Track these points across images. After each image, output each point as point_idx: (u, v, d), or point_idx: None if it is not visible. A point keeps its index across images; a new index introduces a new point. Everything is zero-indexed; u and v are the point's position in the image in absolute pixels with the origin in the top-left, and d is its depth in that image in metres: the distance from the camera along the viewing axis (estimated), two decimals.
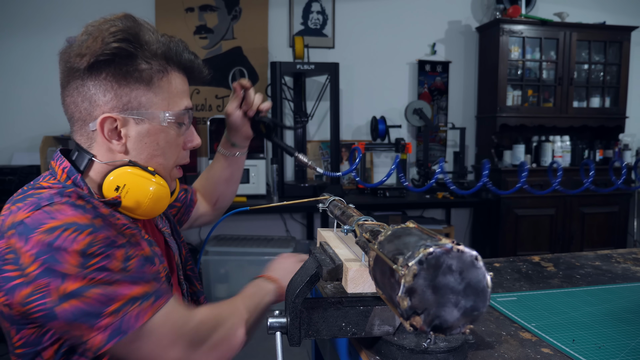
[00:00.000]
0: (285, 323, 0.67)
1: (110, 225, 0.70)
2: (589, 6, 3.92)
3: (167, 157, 0.84)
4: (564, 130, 3.74)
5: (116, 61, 0.75)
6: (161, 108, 0.81)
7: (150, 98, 0.80)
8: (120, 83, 0.77)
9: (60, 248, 0.64)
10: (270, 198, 3.13)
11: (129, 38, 0.76)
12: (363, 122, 3.73)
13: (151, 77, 0.79)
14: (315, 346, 1.11)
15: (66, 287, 0.63)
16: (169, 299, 0.71)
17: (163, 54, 0.80)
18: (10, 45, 3.23)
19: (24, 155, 3.25)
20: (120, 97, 0.78)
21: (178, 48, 0.83)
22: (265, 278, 0.92)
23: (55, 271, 0.63)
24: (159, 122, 0.81)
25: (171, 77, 0.83)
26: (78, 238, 0.65)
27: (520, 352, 0.68)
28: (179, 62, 0.84)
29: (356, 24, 3.64)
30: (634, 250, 1.26)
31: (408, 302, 0.46)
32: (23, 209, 0.68)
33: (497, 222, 3.46)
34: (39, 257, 0.63)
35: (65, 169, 0.78)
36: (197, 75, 0.89)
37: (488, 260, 1.16)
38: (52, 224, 0.65)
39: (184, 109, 0.85)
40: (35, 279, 0.63)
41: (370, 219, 0.70)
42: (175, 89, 0.83)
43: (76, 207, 0.68)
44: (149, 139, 0.81)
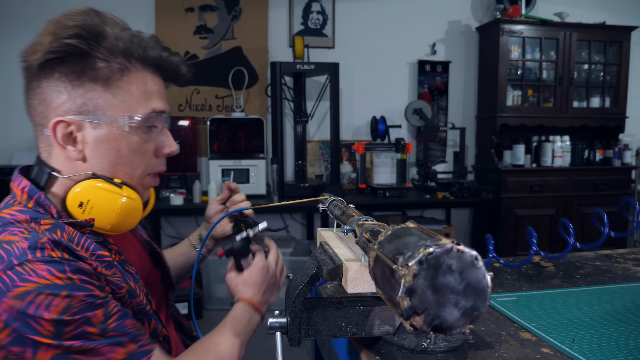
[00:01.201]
0: (285, 323, 0.67)
1: (90, 277, 0.64)
2: (589, 6, 3.92)
3: (133, 166, 0.76)
4: (564, 130, 3.74)
5: (68, 59, 0.69)
6: (121, 111, 0.73)
7: (107, 100, 0.72)
8: (73, 83, 0.70)
9: (33, 316, 0.58)
10: (270, 198, 3.13)
11: (82, 34, 0.69)
12: (363, 122, 3.73)
13: (109, 77, 0.71)
14: (315, 346, 1.11)
15: (39, 357, 0.59)
16: (151, 356, 0.67)
17: (123, 51, 0.72)
18: (10, 45, 3.24)
19: (24, 155, 3.25)
20: (75, 99, 0.71)
21: (143, 43, 0.74)
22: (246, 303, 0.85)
23: (28, 339, 0.58)
24: (119, 127, 0.73)
25: (133, 77, 0.74)
26: (53, 303, 0.59)
27: (520, 352, 0.68)
28: (144, 59, 0.75)
29: (356, 24, 3.64)
30: (634, 250, 1.26)
31: (408, 302, 0.46)
32: None
33: (497, 222, 3.46)
34: (9, 324, 0.58)
35: (25, 189, 0.72)
36: (171, 73, 0.81)
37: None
38: (24, 288, 0.59)
39: (151, 111, 0.76)
40: (7, 346, 0.59)
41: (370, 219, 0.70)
42: (138, 89, 0.74)
43: (51, 263, 0.61)
44: (109, 145, 0.73)
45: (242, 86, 3.42)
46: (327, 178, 3.64)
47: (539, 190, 3.50)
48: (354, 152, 3.66)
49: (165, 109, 0.79)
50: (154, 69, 0.77)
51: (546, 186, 3.52)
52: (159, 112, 0.77)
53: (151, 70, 0.77)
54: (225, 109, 3.50)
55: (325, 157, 3.67)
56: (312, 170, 3.67)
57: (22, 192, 0.72)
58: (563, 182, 3.56)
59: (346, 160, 3.71)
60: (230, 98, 3.49)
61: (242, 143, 3.18)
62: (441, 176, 3.66)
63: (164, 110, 0.78)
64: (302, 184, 3.25)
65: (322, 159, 3.69)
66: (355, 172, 3.70)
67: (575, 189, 3.58)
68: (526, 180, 3.49)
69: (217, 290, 3.06)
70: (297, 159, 3.45)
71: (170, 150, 0.81)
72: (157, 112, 0.77)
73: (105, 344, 0.62)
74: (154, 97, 0.77)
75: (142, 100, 0.75)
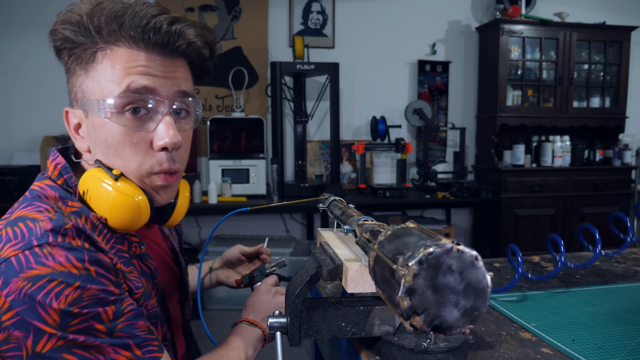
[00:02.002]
0: (285, 323, 0.67)
1: (108, 271, 0.62)
2: (589, 6, 3.92)
3: (126, 159, 0.68)
4: (564, 130, 3.74)
5: (62, 50, 0.68)
6: (96, 95, 0.66)
7: (88, 84, 0.67)
8: (68, 72, 0.69)
9: (41, 303, 0.55)
10: (270, 198, 3.13)
11: (67, 21, 0.65)
12: (363, 122, 3.73)
13: (87, 59, 0.66)
14: (315, 346, 1.11)
15: (40, 345, 0.56)
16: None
17: (99, 27, 0.64)
18: (9, 45, 3.23)
19: (24, 155, 3.25)
20: (72, 88, 0.69)
21: (129, 13, 0.63)
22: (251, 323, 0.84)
23: (30, 325, 0.56)
24: (96, 114, 0.66)
25: (109, 54, 0.65)
26: (64, 292, 0.56)
27: (520, 352, 0.68)
28: (121, 31, 0.64)
29: (356, 24, 3.64)
30: (634, 250, 1.26)
31: (408, 302, 0.45)
32: (13, 242, 0.59)
33: (497, 222, 3.46)
34: (14, 307, 0.56)
35: (58, 165, 0.71)
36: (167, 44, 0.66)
37: (488, 260, 1.16)
38: (38, 272, 0.56)
39: (125, 89, 0.64)
40: (8, 328, 0.56)
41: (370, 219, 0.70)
42: (113, 67, 0.64)
43: (71, 250, 0.59)
44: (96, 134, 0.68)
45: (242, 86, 3.42)
46: (327, 178, 3.64)
47: (539, 190, 3.50)
48: (354, 152, 3.66)
49: (149, 86, 0.65)
50: (139, 42, 0.65)
51: (546, 186, 3.52)
52: (140, 88, 0.65)
53: (135, 44, 0.65)
54: (225, 109, 3.51)
55: (325, 157, 3.67)
56: (312, 170, 3.67)
57: (55, 168, 0.71)
58: (563, 182, 3.56)
59: (346, 160, 3.71)
60: (230, 98, 3.49)
61: (242, 143, 3.18)
62: (441, 176, 3.67)
63: (145, 86, 0.65)
64: (302, 184, 3.25)
65: (322, 159, 3.69)
66: (355, 172, 3.70)
67: (575, 189, 3.58)
68: (526, 180, 3.49)
69: (217, 290, 3.06)
70: (297, 159, 3.45)
71: (161, 142, 0.67)
72: (135, 90, 0.65)
73: (110, 344, 0.59)
74: (133, 72, 0.64)
75: (117, 79, 0.65)
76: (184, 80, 0.71)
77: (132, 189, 0.67)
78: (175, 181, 0.73)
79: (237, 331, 0.82)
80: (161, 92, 0.67)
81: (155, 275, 0.76)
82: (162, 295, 0.79)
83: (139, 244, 0.74)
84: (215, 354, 0.77)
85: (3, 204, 2.89)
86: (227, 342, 0.80)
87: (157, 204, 0.73)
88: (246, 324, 0.84)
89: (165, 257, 0.88)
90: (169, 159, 0.70)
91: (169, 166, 0.70)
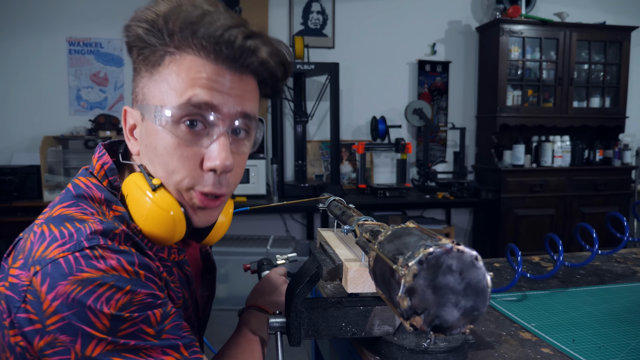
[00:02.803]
0: (285, 323, 0.67)
1: (155, 275, 0.60)
2: (589, 6, 3.92)
3: (170, 170, 0.64)
4: (564, 130, 3.74)
5: (133, 47, 0.65)
6: (156, 101, 0.63)
7: (150, 88, 0.64)
8: (135, 71, 0.67)
9: (91, 308, 0.53)
10: (270, 198, 3.13)
11: (142, 17, 0.62)
12: (363, 122, 3.73)
13: (154, 62, 0.63)
14: (315, 346, 1.11)
15: (89, 350, 0.54)
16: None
17: (173, 32, 0.61)
18: (10, 45, 3.23)
19: (24, 155, 3.25)
20: (135, 88, 0.67)
21: (206, 22, 0.60)
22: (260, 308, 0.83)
23: (79, 330, 0.54)
24: (152, 120, 0.63)
25: (177, 60, 0.62)
26: (115, 297, 0.54)
27: (520, 352, 0.68)
28: (194, 39, 0.61)
29: (356, 24, 3.64)
30: (634, 250, 1.26)
31: (408, 302, 0.45)
32: (60, 242, 0.56)
33: (497, 222, 3.46)
34: (61, 312, 0.53)
35: (105, 165, 0.67)
36: (239, 59, 0.62)
37: (488, 260, 1.16)
38: (88, 275, 0.54)
39: (186, 101, 0.61)
40: (54, 332, 0.54)
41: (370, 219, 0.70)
42: (178, 76, 0.61)
43: (122, 253, 0.57)
44: (148, 140, 0.65)
45: None
46: (327, 178, 3.64)
47: (539, 190, 3.50)
48: (354, 152, 3.66)
49: (212, 102, 0.61)
50: (209, 53, 0.61)
51: (546, 186, 3.52)
52: (201, 103, 0.61)
53: (205, 54, 0.61)
54: None
55: (325, 157, 3.67)
56: (312, 170, 3.67)
57: (101, 168, 0.67)
58: (563, 182, 3.56)
59: (346, 160, 3.71)
60: None
61: None
62: (441, 176, 3.67)
63: (207, 102, 0.61)
64: (302, 184, 3.25)
65: (322, 159, 3.69)
66: (355, 172, 3.70)
67: (575, 189, 3.58)
68: (526, 180, 3.49)
69: (218, 290, 3.06)
70: (297, 159, 3.45)
71: (211, 163, 0.63)
72: (197, 104, 0.61)
73: (159, 346, 0.58)
74: (197, 84, 0.61)
75: (180, 89, 0.61)
76: (250, 100, 0.66)
77: (168, 202, 0.64)
78: (217, 205, 0.68)
79: (247, 322, 0.80)
80: (223, 109, 0.63)
81: (191, 283, 0.75)
82: (196, 304, 0.78)
83: (178, 250, 0.72)
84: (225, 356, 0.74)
85: (3, 204, 2.89)
86: (237, 342, 0.77)
87: (195, 225, 0.68)
88: (255, 310, 0.82)
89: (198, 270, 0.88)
90: (215, 182, 0.65)
91: (213, 190, 0.65)
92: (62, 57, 3.30)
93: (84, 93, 3.37)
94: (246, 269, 1.05)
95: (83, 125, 3.27)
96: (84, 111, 3.37)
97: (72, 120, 3.34)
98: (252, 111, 0.67)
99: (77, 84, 3.35)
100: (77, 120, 3.33)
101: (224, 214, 0.78)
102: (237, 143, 0.67)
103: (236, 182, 0.70)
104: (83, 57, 3.34)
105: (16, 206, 2.89)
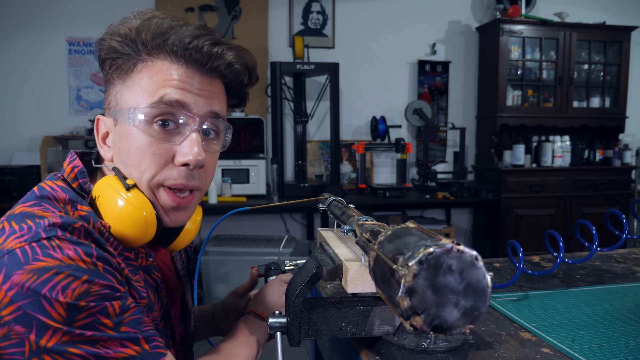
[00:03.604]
0: (285, 323, 0.67)
1: (114, 269, 0.61)
2: (589, 6, 3.92)
3: (142, 169, 0.67)
4: (564, 130, 3.74)
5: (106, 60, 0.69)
6: (129, 104, 0.67)
7: (123, 94, 0.68)
8: (107, 82, 0.71)
9: (46, 297, 0.53)
10: (270, 198, 3.13)
11: (115, 32, 0.67)
12: (363, 122, 3.73)
13: (127, 70, 0.67)
14: (315, 346, 1.11)
15: (44, 340, 0.54)
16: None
17: (145, 42, 0.66)
18: (9, 45, 3.23)
19: (24, 155, 3.25)
20: (107, 97, 0.71)
21: (174, 31, 0.66)
22: (258, 315, 0.81)
23: (34, 319, 0.53)
24: (125, 122, 0.66)
25: (149, 66, 0.66)
26: (71, 286, 0.54)
27: (520, 352, 0.68)
28: (164, 46, 0.66)
29: (356, 24, 3.64)
30: (634, 250, 1.26)
31: (408, 302, 0.45)
32: (18, 234, 0.57)
33: (497, 222, 3.46)
34: (15, 301, 0.53)
35: (75, 169, 0.70)
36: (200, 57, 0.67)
37: (488, 260, 1.16)
38: (45, 264, 0.54)
39: (158, 100, 0.65)
40: (9, 323, 0.53)
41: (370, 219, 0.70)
42: (150, 79, 0.66)
43: (79, 245, 0.58)
44: (121, 142, 0.68)
45: None
46: (327, 178, 3.64)
47: (539, 190, 3.50)
48: (354, 152, 3.66)
49: (182, 100, 0.66)
50: (179, 58, 0.67)
51: (546, 186, 3.52)
52: (172, 101, 0.66)
53: (176, 60, 0.67)
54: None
55: (325, 157, 3.67)
56: (312, 170, 3.67)
57: (72, 171, 0.70)
58: (563, 182, 3.56)
59: (346, 160, 3.71)
60: None
61: (242, 143, 3.18)
62: (441, 176, 3.67)
63: (178, 100, 0.66)
64: (302, 184, 3.25)
65: (322, 159, 3.69)
66: (355, 172, 3.70)
67: (575, 189, 3.58)
68: (526, 180, 3.49)
69: (217, 290, 3.06)
70: (297, 159, 3.45)
71: (184, 158, 0.66)
72: (168, 103, 0.65)
73: (117, 338, 0.57)
74: (168, 85, 0.66)
75: (152, 90, 0.66)
76: (218, 102, 0.71)
77: (141, 202, 0.66)
78: (189, 203, 0.71)
79: (245, 323, 0.79)
80: (193, 109, 0.68)
81: (161, 289, 0.75)
82: (167, 310, 0.77)
83: (146, 255, 0.73)
84: (223, 349, 0.74)
85: (3, 204, 2.89)
86: (234, 336, 0.77)
87: (166, 225, 0.71)
88: (253, 316, 0.81)
89: (170, 275, 0.86)
90: (187, 175, 0.68)
91: (184, 182, 0.68)
92: (62, 57, 3.30)
93: (84, 93, 3.37)
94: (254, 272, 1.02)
95: (83, 125, 3.28)
96: (84, 111, 3.38)
97: (72, 120, 3.34)
98: (220, 112, 0.71)
99: (77, 84, 3.35)
100: (77, 120, 3.33)
101: (192, 222, 0.80)
102: (208, 142, 0.71)
103: (209, 180, 0.74)
104: (83, 57, 3.34)
105: None
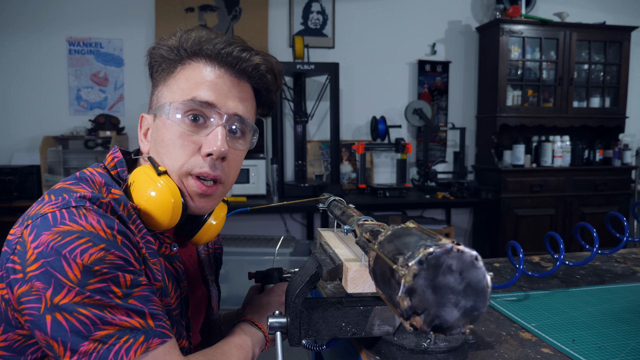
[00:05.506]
0: (285, 323, 0.67)
1: (133, 246, 0.66)
2: (589, 6, 3.92)
3: (173, 157, 0.74)
4: (564, 130, 3.74)
5: (154, 65, 0.79)
6: (167, 100, 0.76)
7: (163, 93, 0.77)
8: (153, 85, 0.80)
9: (66, 257, 0.59)
10: (270, 198, 3.12)
11: (163, 43, 0.78)
12: (363, 122, 3.73)
13: (168, 71, 0.78)
14: None
15: (59, 298, 0.59)
16: (165, 342, 0.63)
17: (186, 48, 0.76)
18: (10, 45, 3.23)
19: (24, 155, 3.25)
20: (151, 97, 0.81)
21: (211, 39, 0.76)
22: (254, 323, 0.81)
23: (53, 277, 0.59)
24: (162, 115, 0.76)
25: (187, 68, 0.76)
26: (89, 251, 0.60)
27: (520, 352, 0.68)
28: (201, 51, 0.76)
29: (356, 24, 3.64)
30: (634, 250, 1.26)
31: (408, 302, 0.45)
32: (53, 202, 0.64)
33: (497, 222, 3.46)
34: (41, 258, 0.59)
35: (115, 159, 0.78)
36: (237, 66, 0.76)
37: (488, 260, 1.16)
38: (70, 228, 0.61)
39: (191, 99, 0.74)
40: (31, 279, 0.59)
41: (370, 219, 0.70)
42: (187, 80, 0.75)
43: (103, 217, 0.63)
44: (157, 134, 0.77)
45: None
46: (327, 178, 3.64)
47: (539, 190, 3.50)
48: (354, 152, 3.66)
49: (212, 101, 0.74)
50: (213, 60, 0.76)
51: (546, 186, 3.52)
52: (203, 102, 0.74)
53: (210, 62, 0.76)
54: None
55: (325, 157, 3.67)
56: (312, 170, 3.67)
57: (112, 160, 0.78)
58: (563, 182, 3.56)
59: (346, 160, 3.71)
60: None
61: None
62: (441, 176, 3.66)
63: (209, 100, 0.74)
64: (302, 184, 3.25)
65: (322, 159, 3.69)
66: (355, 172, 3.70)
67: (575, 189, 3.58)
68: (526, 180, 3.49)
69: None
70: (297, 159, 3.45)
71: (208, 149, 0.73)
72: (200, 102, 0.74)
73: (124, 307, 0.61)
74: (201, 86, 0.75)
75: (187, 89, 0.75)
76: (245, 105, 0.79)
77: (170, 186, 0.72)
78: (213, 192, 0.77)
79: (242, 328, 0.80)
80: (222, 108, 0.75)
81: (182, 279, 0.78)
82: (186, 302, 0.78)
83: (171, 245, 0.77)
84: (219, 349, 0.74)
85: (3, 204, 2.89)
86: (231, 338, 0.77)
87: (191, 211, 0.76)
88: (249, 324, 0.81)
89: (196, 276, 0.89)
90: (211, 165, 0.74)
91: (208, 171, 0.74)
92: (62, 57, 3.30)
93: (84, 93, 3.37)
94: (251, 277, 0.99)
95: (83, 125, 3.27)
96: (84, 111, 3.37)
97: (72, 120, 3.34)
98: (246, 113, 0.79)
99: (77, 84, 3.35)
100: (77, 120, 3.33)
101: (216, 218, 0.84)
102: (233, 139, 0.78)
103: (232, 174, 0.80)
104: (83, 57, 3.34)
105: (16, 206, 2.89)
